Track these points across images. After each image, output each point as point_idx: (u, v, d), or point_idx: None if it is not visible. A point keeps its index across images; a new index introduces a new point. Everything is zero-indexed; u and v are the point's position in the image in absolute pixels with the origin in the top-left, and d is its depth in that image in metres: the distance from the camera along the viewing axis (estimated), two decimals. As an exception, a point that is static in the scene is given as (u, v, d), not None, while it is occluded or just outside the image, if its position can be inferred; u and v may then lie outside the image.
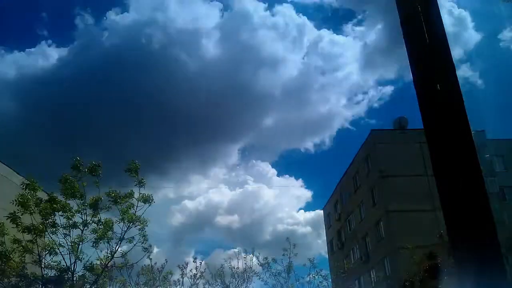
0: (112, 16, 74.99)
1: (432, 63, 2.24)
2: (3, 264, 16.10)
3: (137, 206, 17.63)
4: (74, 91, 60.87)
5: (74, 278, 16.73)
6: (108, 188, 17.70)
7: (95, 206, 17.12)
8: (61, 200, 16.93)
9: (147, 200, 17.71)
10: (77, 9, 78.83)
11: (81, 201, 17.11)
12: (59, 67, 68.29)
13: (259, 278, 25.88)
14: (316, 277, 26.23)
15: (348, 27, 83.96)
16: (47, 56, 71.91)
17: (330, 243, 50.12)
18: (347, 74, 77.37)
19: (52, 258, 16.77)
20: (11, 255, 16.18)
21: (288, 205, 73.11)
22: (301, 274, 26.42)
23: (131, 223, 17.37)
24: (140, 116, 64.43)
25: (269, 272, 26.04)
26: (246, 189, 69.63)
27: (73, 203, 17.15)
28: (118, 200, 17.32)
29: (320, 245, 59.97)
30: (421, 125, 2.24)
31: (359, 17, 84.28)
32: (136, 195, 17.77)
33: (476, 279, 1.85)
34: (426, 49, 2.27)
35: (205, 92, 64.69)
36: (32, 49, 78.77)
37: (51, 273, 16.95)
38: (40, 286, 16.94)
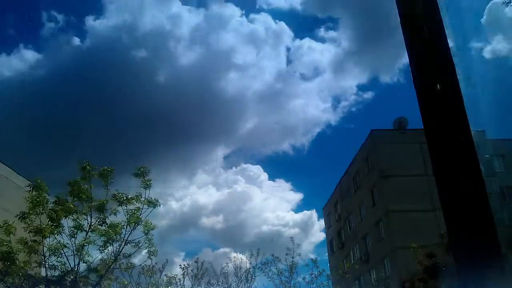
0: (90, 21, 74.36)
1: (432, 63, 2.23)
2: (9, 264, 16.10)
3: (142, 209, 17.69)
4: (54, 94, 60.84)
5: (77, 279, 16.75)
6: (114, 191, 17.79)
7: (101, 209, 17.17)
8: (69, 202, 17.02)
9: (152, 203, 17.75)
10: (55, 13, 77.97)
11: (88, 204, 17.17)
12: (37, 71, 68.08)
13: (265, 275, 25.96)
14: (314, 276, 26.28)
15: (321, 31, 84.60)
16: (25, 60, 71.63)
17: (330, 243, 50.14)
18: (323, 79, 77.90)
19: (56, 259, 16.83)
20: (16, 256, 16.21)
21: (277, 207, 72.93)
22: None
23: (136, 224, 17.41)
24: (122, 117, 64.20)
25: (268, 273, 26.04)
26: (234, 192, 69.29)
27: (80, 206, 17.24)
28: (124, 201, 17.36)
29: (307, 247, 59.96)
30: (419, 125, 2.24)
31: (331, 24, 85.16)
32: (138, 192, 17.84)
33: (476, 279, 1.85)
34: (426, 49, 2.27)
35: (188, 95, 64.69)
36: (10, 54, 78.53)
37: (55, 273, 16.97)
38: (44, 287, 16.95)
